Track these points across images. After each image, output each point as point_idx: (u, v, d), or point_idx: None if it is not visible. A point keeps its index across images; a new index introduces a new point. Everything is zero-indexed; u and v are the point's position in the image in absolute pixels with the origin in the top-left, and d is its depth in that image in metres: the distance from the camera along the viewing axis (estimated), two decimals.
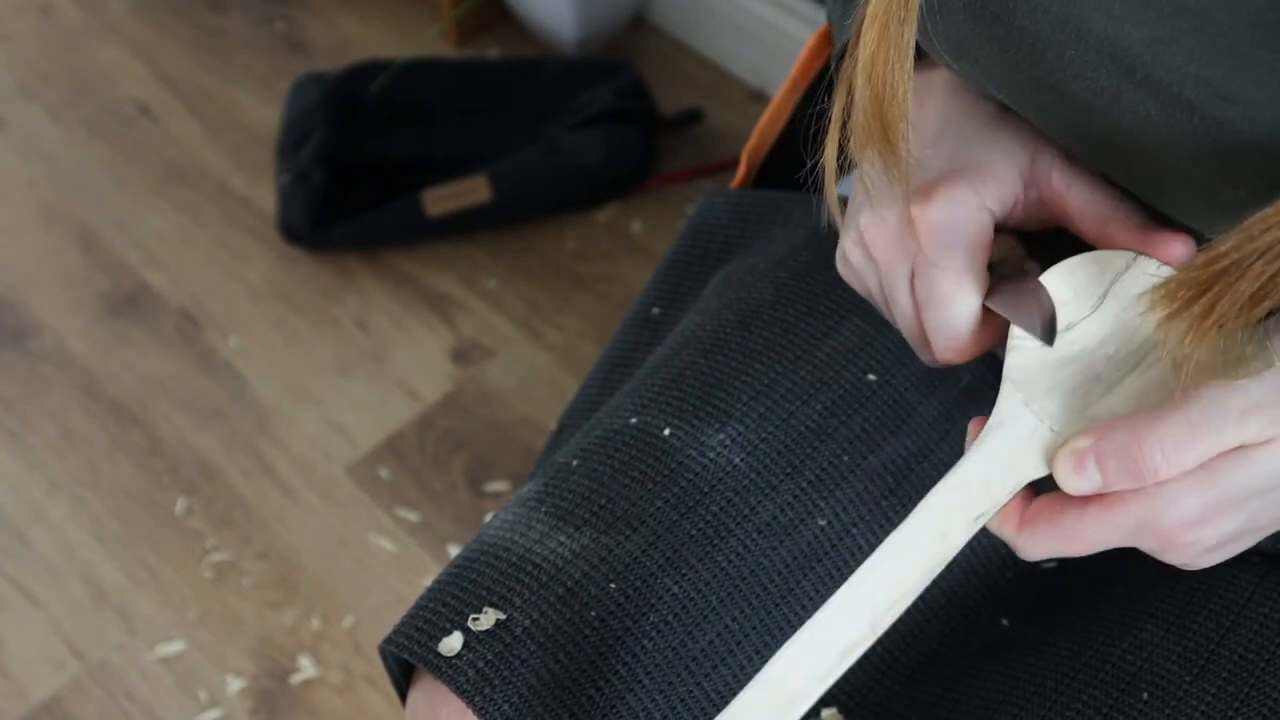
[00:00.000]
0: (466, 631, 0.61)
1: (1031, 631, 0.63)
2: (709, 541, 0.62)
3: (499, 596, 0.62)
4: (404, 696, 0.67)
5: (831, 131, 0.53)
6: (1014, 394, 0.50)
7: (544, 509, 0.65)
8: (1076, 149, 0.53)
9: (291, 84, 1.60)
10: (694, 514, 0.63)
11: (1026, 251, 0.57)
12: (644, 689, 0.60)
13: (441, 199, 1.47)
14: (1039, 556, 0.49)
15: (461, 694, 0.60)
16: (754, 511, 0.63)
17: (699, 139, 1.61)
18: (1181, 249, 0.50)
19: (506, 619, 0.61)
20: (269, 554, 1.30)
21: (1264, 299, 0.43)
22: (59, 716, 1.21)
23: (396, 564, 1.28)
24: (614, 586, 0.61)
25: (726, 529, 0.62)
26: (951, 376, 0.68)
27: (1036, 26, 0.47)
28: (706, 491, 0.63)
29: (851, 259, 0.58)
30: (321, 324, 1.47)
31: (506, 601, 0.62)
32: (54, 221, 1.56)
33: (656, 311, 0.79)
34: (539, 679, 0.59)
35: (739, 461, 0.64)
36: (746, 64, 1.65)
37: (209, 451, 1.37)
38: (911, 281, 0.55)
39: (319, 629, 1.25)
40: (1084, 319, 0.50)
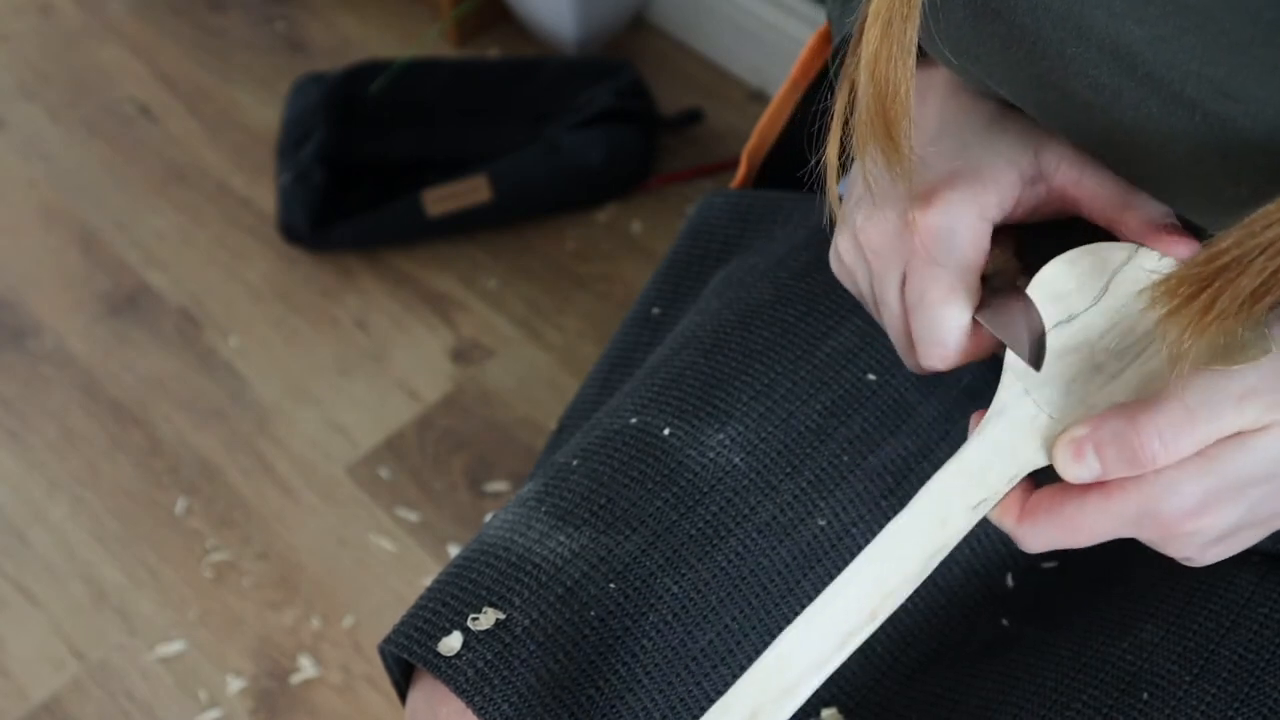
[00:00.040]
0: (466, 631, 0.61)
1: (1031, 631, 0.63)
2: (709, 541, 0.62)
3: (499, 596, 0.62)
4: (404, 696, 0.67)
5: (834, 129, 0.53)
6: (1015, 382, 0.50)
7: (544, 509, 0.65)
8: (1077, 146, 0.53)
9: (291, 84, 1.60)
10: (694, 514, 0.63)
11: (1020, 265, 0.57)
12: (643, 689, 0.60)
13: (441, 199, 1.47)
14: (1040, 548, 0.49)
15: (461, 694, 0.60)
16: (754, 511, 0.63)
17: (699, 139, 1.61)
18: (1185, 249, 0.50)
19: (506, 619, 0.61)
20: (269, 554, 1.30)
21: (1265, 295, 0.43)
22: (59, 716, 1.21)
23: (396, 564, 1.28)
24: (613, 586, 0.61)
25: (726, 529, 0.62)
26: (951, 376, 0.68)
27: (1037, 24, 0.47)
28: (706, 491, 0.63)
29: (844, 256, 0.58)
30: (321, 324, 1.47)
31: (506, 601, 0.62)
32: (54, 221, 1.56)
33: (656, 311, 0.79)
34: (538, 679, 0.59)
35: (739, 461, 0.64)
36: (746, 64, 1.65)
37: (209, 451, 1.37)
38: (903, 285, 0.55)
39: (319, 629, 1.25)
40: (1085, 310, 0.50)
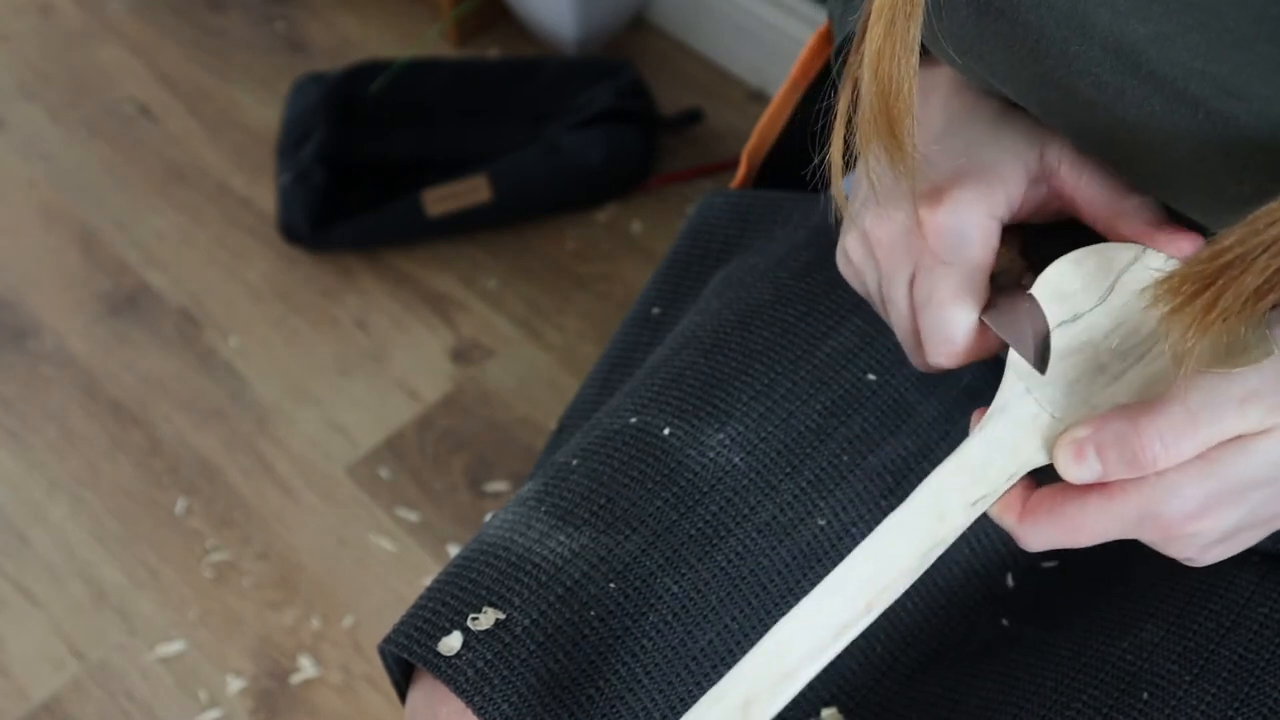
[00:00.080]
0: (466, 631, 0.61)
1: (1031, 631, 0.63)
2: (708, 541, 0.62)
3: (498, 596, 0.62)
4: (404, 696, 0.67)
5: (837, 127, 0.53)
6: (1017, 380, 0.50)
7: (544, 509, 0.65)
8: (1081, 145, 0.53)
9: (291, 84, 1.60)
10: (693, 514, 0.63)
11: (1026, 264, 0.57)
12: (643, 688, 0.60)
13: (441, 199, 1.47)
14: (1040, 547, 0.49)
15: (461, 693, 0.60)
16: (753, 511, 0.63)
17: (699, 139, 1.61)
18: (1189, 246, 0.50)
19: (506, 618, 0.61)
20: (269, 554, 1.30)
21: (1268, 293, 0.42)
22: (59, 716, 1.21)
23: (396, 564, 1.28)
24: (613, 586, 0.61)
25: (726, 529, 0.62)
26: (951, 376, 0.68)
27: (1041, 22, 0.47)
28: (706, 491, 0.63)
29: (853, 256, 0.58)
30: (321, 324, 1.47)
31: (506, 601, 0.62)
32: (54, 221, 1.56)
33: (656, 311, 0.79)
34: (538, 678, 0.59)
35: (738, 461, 0.64)
36: (746, 64, 1.65)
37: (209, 451, 1.37)
38: (911, 284, 0.55)
39: (319, 629, 1.25)
40: (1090, 310, 0.50)
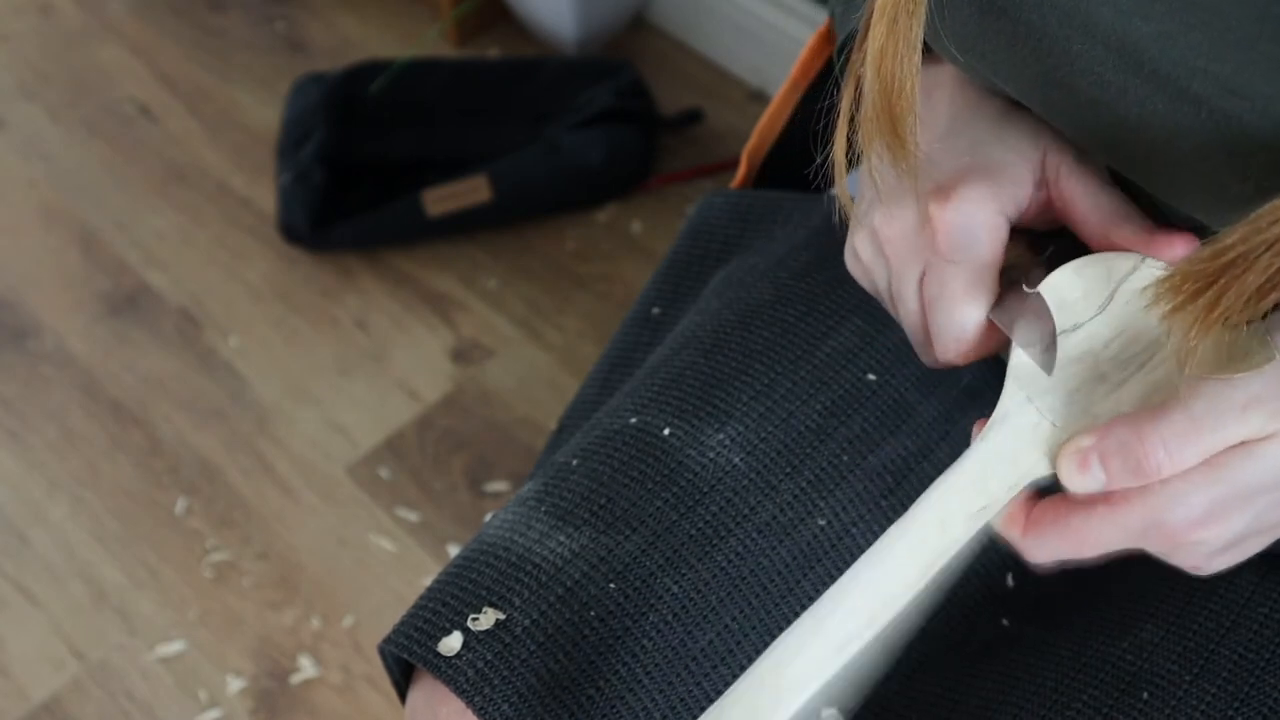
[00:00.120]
0: (466, 631, 0.61)
1: (1031, 631, 0.63)
2: (708, 541, 0.62)
3: (498, 596, 0.62)
4: (404, 696, 0.67)
5: (840, 126, 0.53)
6: (1018, 390, 0.50)
7: (544, 509, 0.65)
8: (1083, 144, 0.53)
9: (291, 84, 1.60)
10: (693, 514, 0.63)
11: (1036, 260, 0.56)
12: (644, 689, 0.60)
13: (441, 199, 1.47)
14: (1046, 559, 0.49)
15: (461, 694, 0.60)
16: (753, 511, 0.63)
17: (699, 139, 1.61)
18: (1184, 250, 0.50)
19: (506, 619, 0.61)
20: (269, 554, 1.30)
21: (1271, 291, 0.42)
22: (59, 716, 1.21)
23: (396, 564, 1.28)
24: (613, 586, 0.61)
25: (726, 529, 0.62)
26: (951, 376, 0.68)
27: (1044, 21, 0.47)
28: (706, 491, 0.63)
29: (862, 255, 0.58)
30: (321, 324, 1.47)
31: (506, 601, 0.62)
32: (54, 221, 1.56)
33: (656, 311, 0.79)
34: (539, 679, 0.59)
35: (739, 461, 0.64)
36: (746, 64, 1.65)
37: (209, 451, 1.37)
38: (921, 281, 0.55)
39: (319, 629, 1.25)
40: (1090, 319, 0.50)
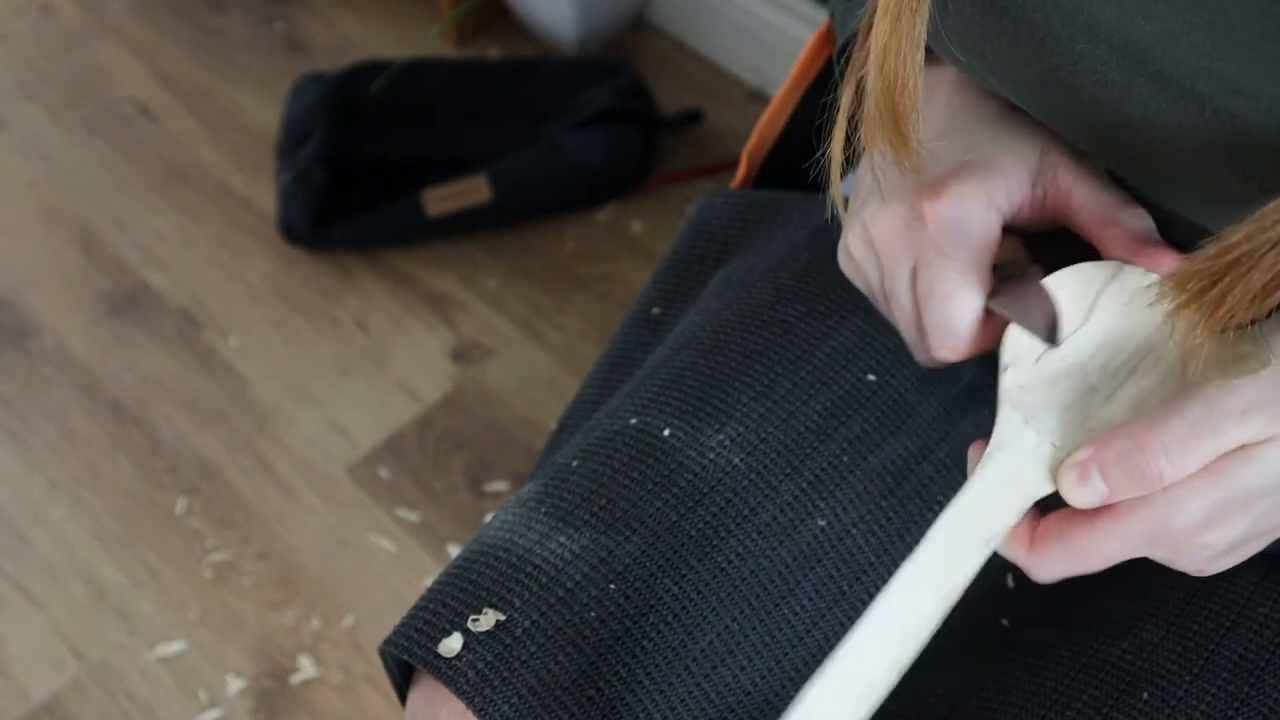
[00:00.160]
0: (466, 632, 0.61)
1: (1031, 631, 0.63)
2: (709, 542, 0.62)
3: (499, 597, 0.62)
4: (404, 697, 0.67)
5: (839, 122, 0.53)
6: (1013, 414, 0.50)
7: (544, 509, 0.65)
8: (1084, 144, 0.52)
9: (291, 84, 1.60)
10: (694, 514, 0.63)
11: (1031, 256, 0.56)
12: (644, 690, 0.60)
13: (441, 199, 1.47)
14: (1053, 577, 0.48)
15: (461, 695, 0.60)
16: (754, 512, 0.63)
17: (699, 139, 1.61)
18: (1170, 265, 0.50)
19: (506, 620, 0.61)
20: (269, 554, 1.30)
21: (1276, 290, 0.42)
22: (59, 716, 1.21)
23: (396, 564, 1.28)
24: (614, 587, 0.61)
25: (726, 529, 0.62)
26: (951, 376, 0.68)
27: (1046, 20, 0.47)
28: (706, 492, 0.63)
29: (854, 252, 0.58)
30: (321, 324, 1.47)
31: (506, 602, 0.62)
32: (54, 221, 1.56)
33: (656, 311, 0.79)
34: (539, 680, 0.59)
35: (739, 462, 0.64)
36: (746, 64, 1.65)
37: (209, 451, 1.37)
38: (914, 277, 0.55)
39: (319, 629, 1.25)
40: (1074, 332, 0.50)
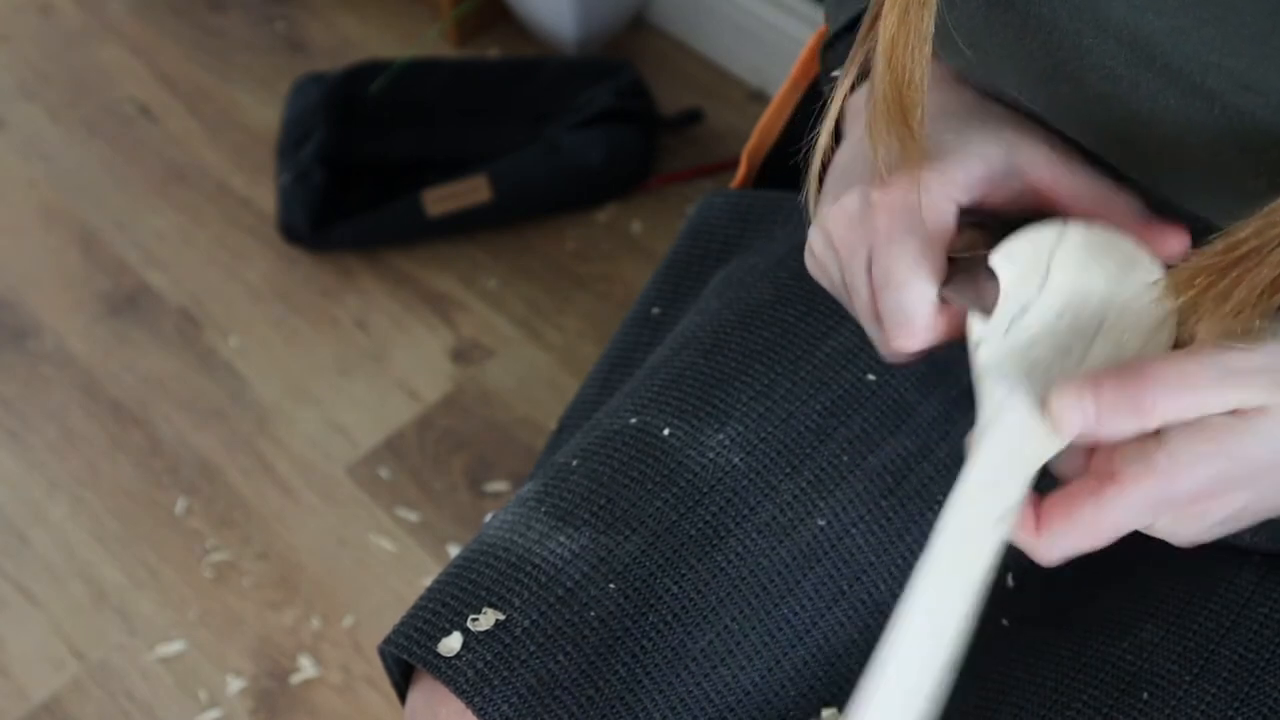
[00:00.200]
0: (466, 632, 0.61)
1: (1031, 631, 0.63)
2: (709, 542, 0.62)
3: (498, 597, 0.62)
4: (404, 697, 0.67)
5: (830, 114, 0.53)
6: (995, 387, 0.49)
7: (544, 509, 0.65)
8: (1089, 141, 0.52)
9: (291, 84, 1.60)
10: (693, 514, 0.63)
11: (988, 240, 0.55)
12: (644, 689, 0.60)
13: (441, 199, 1.47)
14: (1062, 556, 0.47)
15: (461, 694, 0.60)
16: (753, 511, 0.63)
17: (699, 139, 1.61)
18: (1179, 244, 0.49)
19: (506, 619, 0.61)
20: (269, 554, 1.30)
21: None
22: (59, 716, 1.21)
23: (396, 564, 1.28)
24: (614, 587, 0.61)
25: (726, 529, 0.62)
26: (951, 376, 0.68)
27: (1054, 14, 0.46)
28: (706, 491, 0.63)
29: (815, 249, 0.57)
30: (321, 324, 1.47)
31: (506, 602, 0.62)
32: (54, 221, 1.56)
33: (656, 311, 0.79)
34: (539, 679, 0.59)
35: (738, 461, 0.64)
36: (746, 64, 1.65)
37: (209, 451, 1.37)
38: (870, 268, 0.55)
39: (319, 629, 1.25)
40: (1035, 298, 0.50)
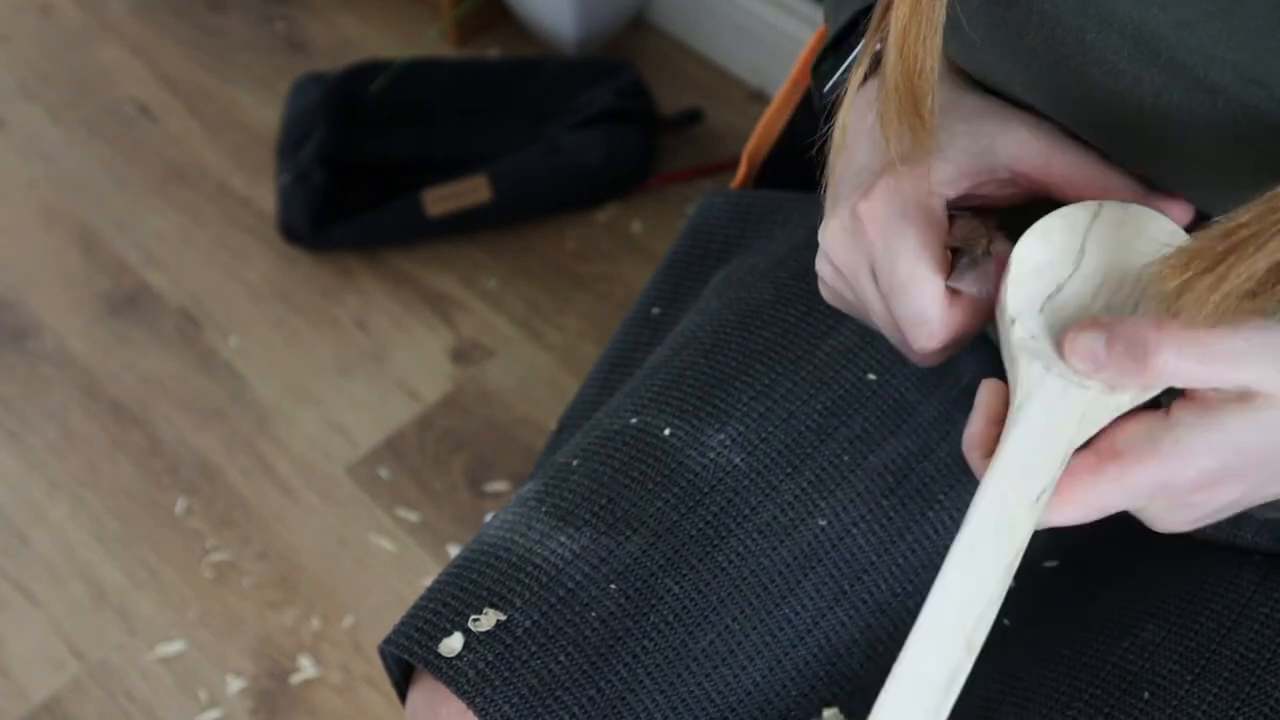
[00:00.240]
0: (467, 632, 0.61)
1: (1032, 631, 0.63)
2: (709, 542, 0.62)
3: (499, 597, 0.62)
4: (404, 697, 0.67)
5: (847, 101, 0.52)
6: (1032, 362, 0.48)
7: (544, 509, 0.65)
8: (1092, 135, 0.52)
9: (291, 84, 1.60)
10: (694, 514, 0.63)
11: (991, 227, 0.55)
12: (645, 689, 0.60)
13: (441, 199, 1.47)
14: (1046, 526, 0.47)
15: (462, 695, 0.60)
16: (754, 511, 0.63)
17: (699, 139, 1.61)
18: (1182, 216, 0.49)
19: (507, 619, 0.61)
20: (269, 554, 1.29)
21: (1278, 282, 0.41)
22: (59, 716, 1.21)
23: (396, 564, 1.28)
24: (614, 587, 0.61)
25: (727, 529, 0.62)
26: (951, 376, 0.68)
27: (1057, 10, 0.46)
28: (707, 492, 0.63)
29: (825, 278, 0.57)
30: (321, 324, 1.47)
31: (507, 602, 0.62)
32: (54, 221, 1.56)
33: (656, 311, 0.79)
34: (539, 680, 0.59)
35: (739, 461, 0.64)
36: (746, 64, 1.65)
37: (209, 451, 1.37)
38: (875, 280, 0.55)
39: (319, 629, 1.25)
40: (1070, 277, 0.49)
